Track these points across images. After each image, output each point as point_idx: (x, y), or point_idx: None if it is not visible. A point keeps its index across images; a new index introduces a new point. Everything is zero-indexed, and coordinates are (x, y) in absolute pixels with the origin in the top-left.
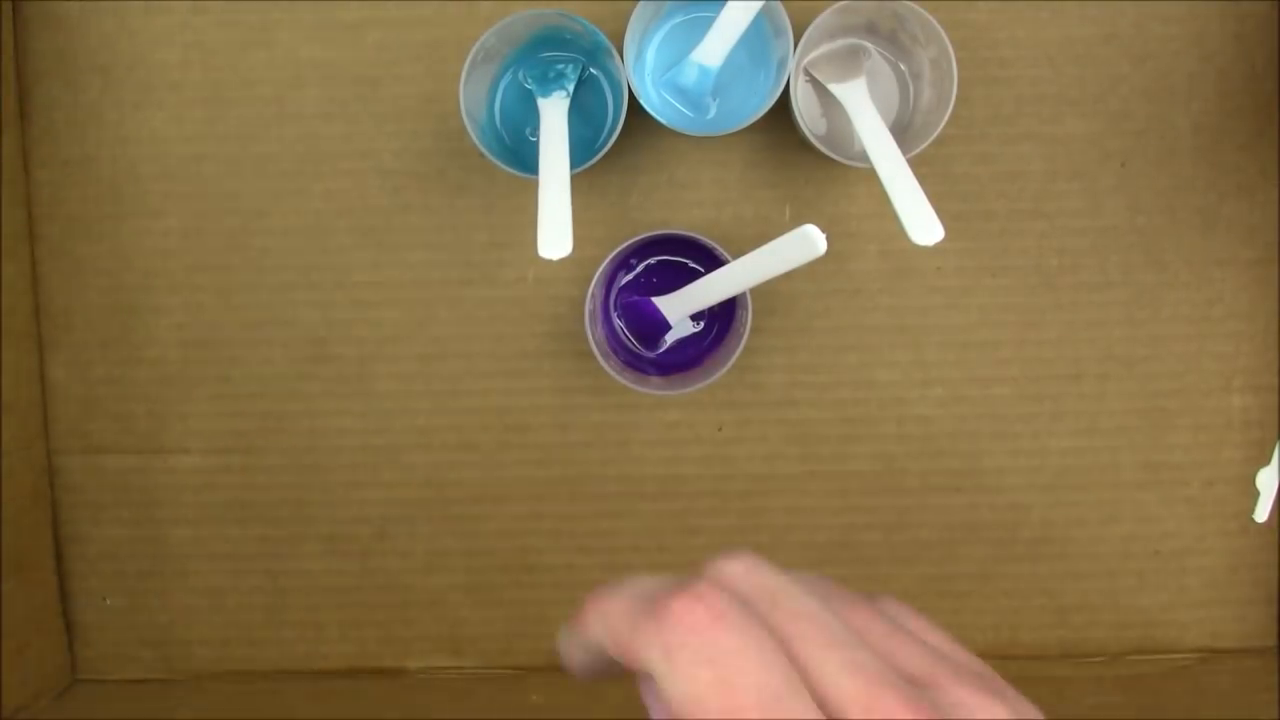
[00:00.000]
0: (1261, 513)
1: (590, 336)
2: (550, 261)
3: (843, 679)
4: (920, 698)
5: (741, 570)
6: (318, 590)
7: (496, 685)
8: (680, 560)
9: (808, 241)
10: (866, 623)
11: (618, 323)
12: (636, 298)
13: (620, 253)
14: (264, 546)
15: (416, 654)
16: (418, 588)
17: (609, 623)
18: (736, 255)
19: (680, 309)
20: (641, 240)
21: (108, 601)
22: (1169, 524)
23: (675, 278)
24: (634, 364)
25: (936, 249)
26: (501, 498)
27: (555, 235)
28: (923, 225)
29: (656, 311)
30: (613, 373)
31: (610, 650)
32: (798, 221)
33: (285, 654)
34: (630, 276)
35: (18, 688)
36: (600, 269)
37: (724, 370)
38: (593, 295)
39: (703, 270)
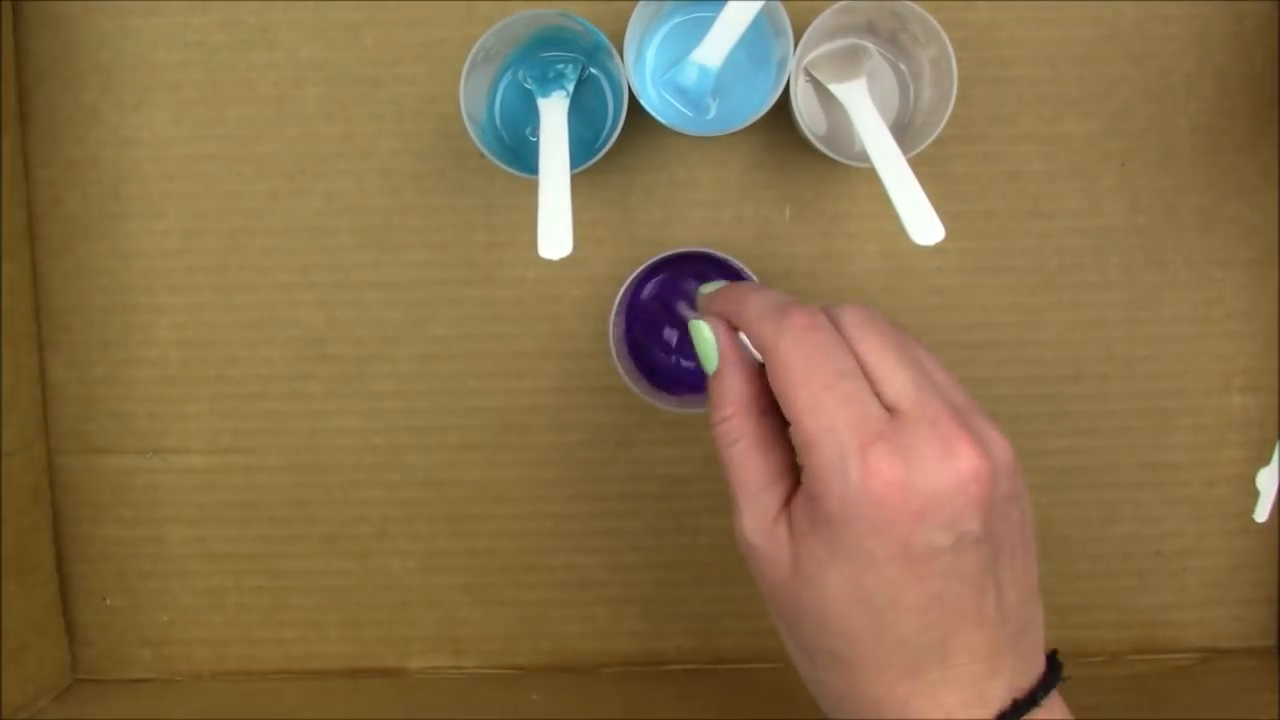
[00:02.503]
0: (1261, 513)
1: (618, 366)
2: (550, 261)
3: (906, 386)
4: (956, 413)
5: (862, 313)
6: (318, 590)
7: (496, 685)
8: (680, 560)
9: (928, 228)
10: (937, 367)
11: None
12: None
13: (639, 274)
14: (264, 546)
15: (416, 654)
16: (418, 588)
17: (750, 308)
18: (737, 255)
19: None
20: (658, 260)
21: (108, 601)
22: (1169, 524)
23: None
24: (663, 385)
25: (936, 249)
26: (501, 498)
27: (555, 235)
28: (923, 225)
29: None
30: (645, 396)
31: (738, 324)
32: (798, 221)
33: (285, 654)
34: (649, 293)
35: (18, 688)
36: (620, 294)
37: None
38: (614, 323)
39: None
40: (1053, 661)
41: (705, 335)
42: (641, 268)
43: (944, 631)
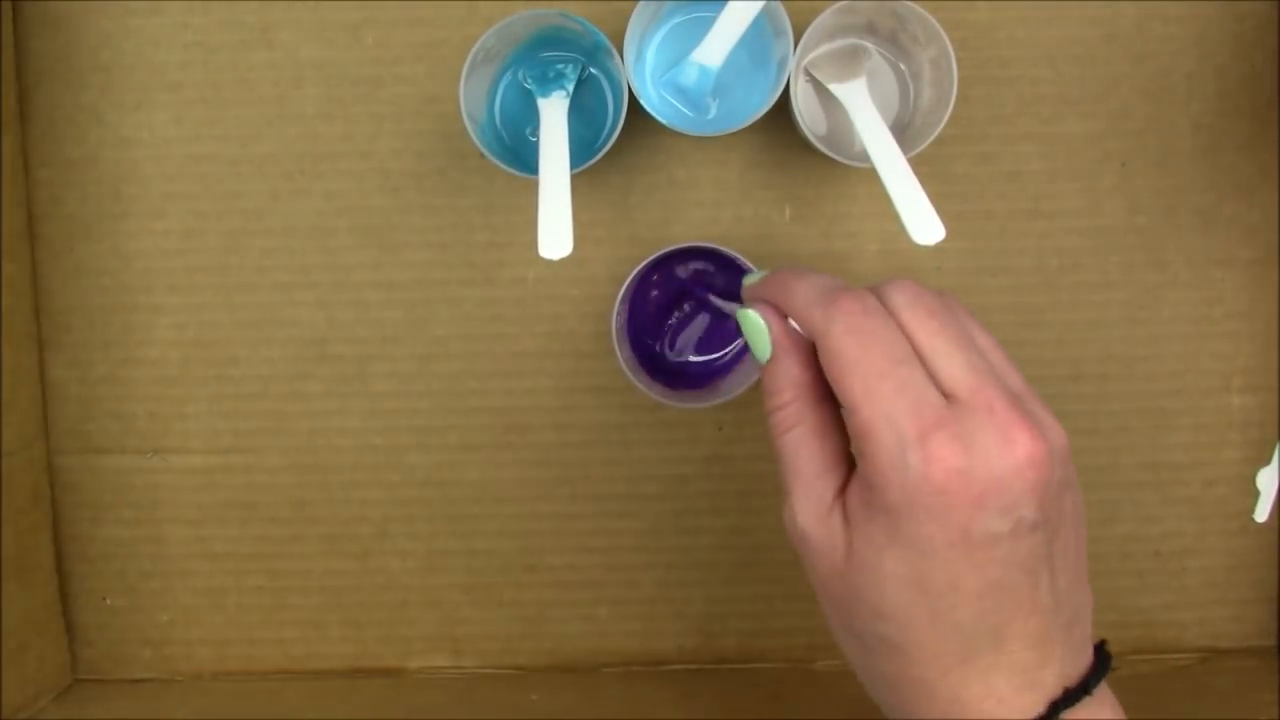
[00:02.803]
0: (1261, 513)
1: (619, 355)
2: (550, 261)
3: (962, 371)
4: (1014, 399)
5: (910, 290)
6: (318, 590)
7: (496, 685)
8: (680, 560)
9: (928, 227)
10: (992, 347)
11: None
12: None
13: (641, 270)
14: (264, 546)
15: (416, 654)
16: (418, 588)
17: (798, 296)
18: (737, 254)
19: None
20: (660, 255)
21: (108, 601)
22: (1169, 524)
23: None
24: (663, 380)
25: (936, 249)
26: (501, 498)
27: (555, 235)
28: (923, 225)
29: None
30: (644, 388)
31: (788, 311)
32: (798, 221)
33: (285, 654)
34: (654, 291)
35: (18, 688)
36: (622, 289)
37: (754, 378)
38: (617, 318)
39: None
40: (1101, 652)
41: (756, 323)
42: (643, 264)
43: (1000, 618)
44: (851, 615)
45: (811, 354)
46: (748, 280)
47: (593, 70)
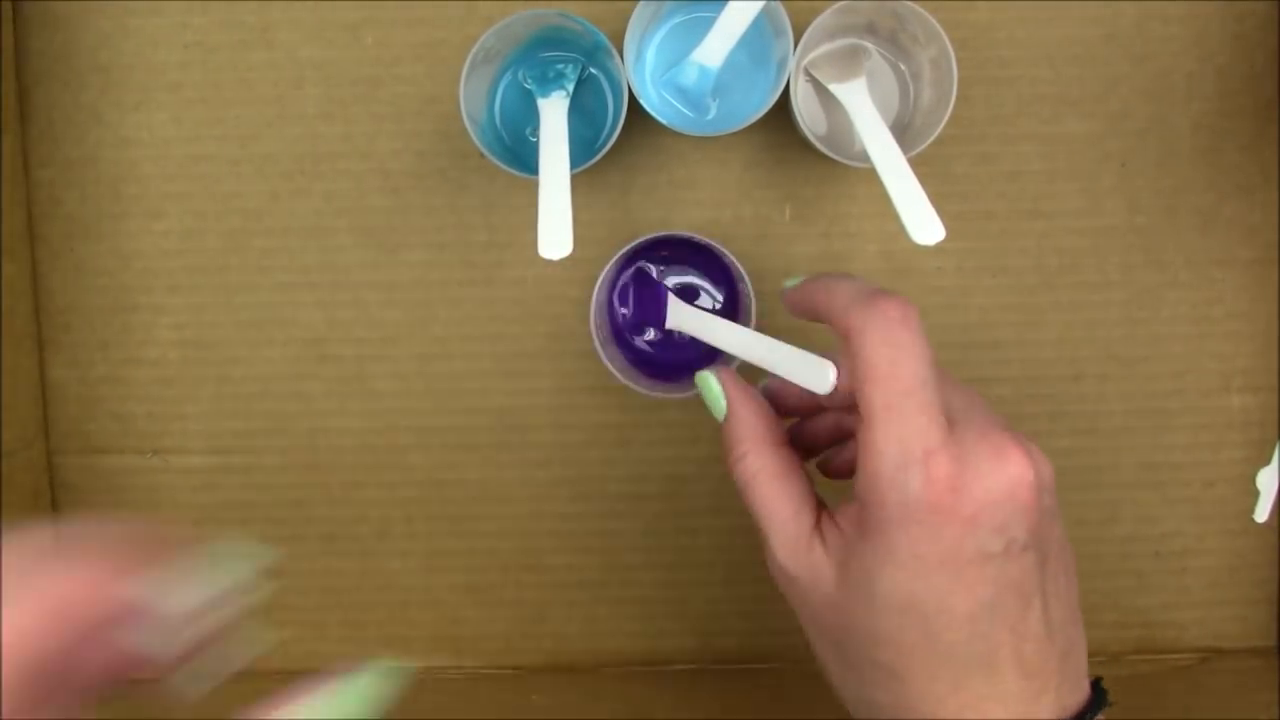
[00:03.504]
0: (1261, 513)
1: (597, 345)
2: (550, 261)
3: (958, 395)
4: (1005, 424)
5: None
6: (318, 590)
7: (496, 685)
8: (680, 560)
9: (818, 374)
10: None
11: (620, 309)
12: (658, 285)
13: (624, 254)
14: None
15: (416, 654)
16: (418, 588)
17: (835, 296)
18: (737, 254)
19: (680, 319)
20: (645, 241)
21: None
22: (1169, 524)
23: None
24: (639, 366)
25: (936, 249)
26: (501, 498)
27: (555, 235)
28: (923, 225)
29: (663, 302)
30: (622, 378)
31: (824, 313)
32: (798, 221)
33: (285, 654)
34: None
35: None
36: (604, 272)
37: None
38: (597, 298)
39: (703, 276)
40: (1097, 688)
41: (710, 384)
42: (616, 257)
43: (992, 642)
44: (846, 645)
45: (765, 405)
46: (787, 284)
47: (593, 70)
